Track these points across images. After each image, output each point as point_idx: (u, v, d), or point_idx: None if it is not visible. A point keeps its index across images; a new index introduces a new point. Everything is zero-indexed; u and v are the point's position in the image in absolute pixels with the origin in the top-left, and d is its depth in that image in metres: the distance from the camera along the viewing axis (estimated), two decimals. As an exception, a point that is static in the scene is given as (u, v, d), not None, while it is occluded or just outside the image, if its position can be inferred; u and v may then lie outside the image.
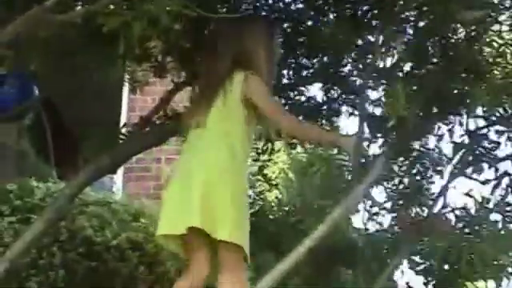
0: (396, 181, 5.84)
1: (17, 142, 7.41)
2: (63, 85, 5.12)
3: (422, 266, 6.25)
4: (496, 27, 4.59)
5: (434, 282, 6.09)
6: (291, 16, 4.62)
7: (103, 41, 3.59)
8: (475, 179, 5.50)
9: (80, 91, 5.66)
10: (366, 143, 4.64)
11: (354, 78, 4.90)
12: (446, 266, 5.94)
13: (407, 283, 6.88)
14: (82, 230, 5.43)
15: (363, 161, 4.61)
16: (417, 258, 6.31)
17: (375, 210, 6.43)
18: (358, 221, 7.19)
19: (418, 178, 5.76)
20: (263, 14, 4.42)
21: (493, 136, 5.24)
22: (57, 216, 4.34)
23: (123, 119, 8.33)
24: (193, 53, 4.25)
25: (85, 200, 5.64)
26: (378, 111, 4.81)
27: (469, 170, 5.43)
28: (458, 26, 4.46)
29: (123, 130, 4.91)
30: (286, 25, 4.62)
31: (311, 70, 4.81)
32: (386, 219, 6.46)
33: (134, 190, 8.14)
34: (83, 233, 5.42)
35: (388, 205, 6.16)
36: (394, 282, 7.15)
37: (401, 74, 4.51)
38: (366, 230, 6.72)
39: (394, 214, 6.17)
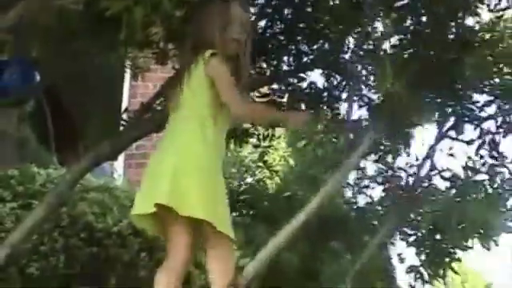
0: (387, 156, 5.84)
1: (18, 129, 7.41)
2: (65, 71, 5.12)
3: (412, 238, 6.25)
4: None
5: (426, 252, 6.08)
6: (292, 2, 4.61)
7: (105, 26, 3.58)
8: (461, 140, 5.52)
9: (81, 77, 5.65)
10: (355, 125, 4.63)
11: (355, 64, 4.89)
12: (438, 236, 5.94)
13: (399, 255, 6.89)
14: (83, 216, 5.45)
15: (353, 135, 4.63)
16: (408, 230, 6.31)
17: (365, 183, 6.44)
18: (347, 194, 7.18)
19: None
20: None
21: (477, 97, 5.26)
22: (58, 202, 4.35)
23: (124, 105, 8.33)
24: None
25: (86, 186, 5.66)
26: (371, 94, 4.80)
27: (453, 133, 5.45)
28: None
29: (124, 116, 4.93)
30: (286, 11, 4.62)
31: (311, 57, 4.81)
32: (376, 192, 6.47)
33: (135, 177, 8.14)
34: (84, 219, 5.45)
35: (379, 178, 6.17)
36: (387, 254, 7.17)
37: (388, 49, 4.52)
38: (356, 203, 6.71)
39: (385, 187, 6.17)
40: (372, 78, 4.74)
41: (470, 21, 4.63)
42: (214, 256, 3.62)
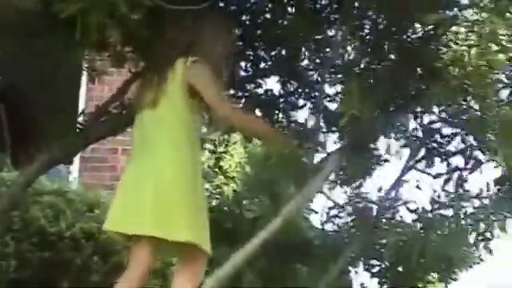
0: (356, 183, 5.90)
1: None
2: (21, 72, 5.07)
3: (377, 268, 6.32)
4: (454, 28, 4.63)
5: (388, 282, 6.16)
6: (250, 8, 4.61)
7: (61, 27, 3.55)
8: (428, 173, 5.57)
9: (38, 78, 5.60)
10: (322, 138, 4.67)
11: (312, 72, 4.91)
12: (400, 268, 6.01)
13: (362, 284, 6.96)
14: (36, 220, 5.39)
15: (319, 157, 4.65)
16: (372, 261, 6.39)
17: (334, 212, 6.49)
18: (316, 220, 7.23)
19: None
20: (220, 6, 4.40)
21: (446, 131, 5.32)
22: (10, 205, 4.30)
23: (81, 108, 8.26)
24: (151, 43, 4.23)
25: (39, 190, 5.59)
26: (334, 106, 4.82)
27: (421, 165, 5.50)
28: (417, 25, 4.49)
29: (80, 119, 4.88)
30: (244, 17, 4.62)
31: (269, 63, 4.81)
32: (344, 220, 6.52)
33: (90, 181, 8.08)
34: (37, 223, 5.38)
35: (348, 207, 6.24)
36: (349, 281, 7.22)
37: (357, 70, 4.53)
38: (323, 230, 6.76)
39: (354, 217, 6.23)
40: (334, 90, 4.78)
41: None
42: (186, 271, 3.63)
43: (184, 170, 3.56)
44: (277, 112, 4.90)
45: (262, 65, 4.82)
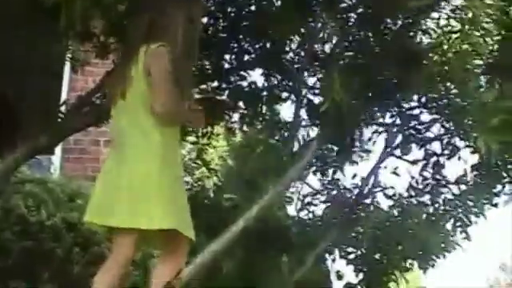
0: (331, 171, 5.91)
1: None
2: (3, 59, 5.04)
3: (352, 255, 6.34)
4: (435, 15, 4.65)
5: (364, 270, 6.16)
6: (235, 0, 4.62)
7: (46, 16, 3.54)
8: (405, 160, 5.59)
9: (22, 67, 5.57)
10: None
11: (296, 66, 4.92)
12: (377, 256, 6.02)
13: (337, 272, 6.97)
14: (17, 209, 5.36)
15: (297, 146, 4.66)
16: (348, 248, 6.40)
17: (308, 199, 6.50)
18: (291, 209, 7.25)
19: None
20: None
21: (424, 117, 5.34)
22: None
23: (63, 99, 8.23)
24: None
25: (21, 179, 5.57)
26: (315, 98, 4.84)
27: (398, 151, 5.53)
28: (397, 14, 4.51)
29: (62, 109, 4.87)
30: (229, 9, 4.62)
31: (253, 56, 4.81)
32: (319, 208, 6.55)
33: (72, 171, 8.05)
34: (18, 211, 5.36)
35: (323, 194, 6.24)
36: (326, 268, 7.24)
37: (337, 60, 4.54)
38: (299, 217, 6.78)
39: (329, 204, 6.24)
40: (315, 81, 4.78)
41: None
42: (167, 256, 3.62)
43: (156, 160, 3.53)
44: (260, 105, 4.91)
45: (246, 57, 4.82)
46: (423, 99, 5.10)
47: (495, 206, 6.17)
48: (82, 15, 3.41)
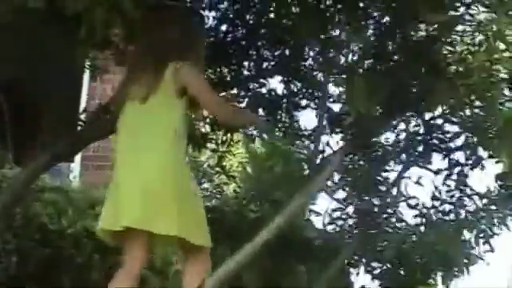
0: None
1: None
2: (25, 68, 5.06)
3: (378, 270, 6.31)
4: (460, 28, 4.63)
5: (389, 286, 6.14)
6: (253, 8, 4.61)
7: (66, 24, 3.54)
8: (429, 169, 5.56)
9: (42, 75, 5.59)
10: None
11: (315, 73, 4.91)
12: (402, 272, 5.99)
13: (363, 286, 6.95)
14: (38, 217, 5.38)
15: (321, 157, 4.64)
16: (374, 263, 6.37)
17: (337, 214, 6.48)
18: (318, 222, 7.23)
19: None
20: (189, 5, 4.36)
21: (448, 128, 5.32)
22: (12, 201, 4.29)
23: (82, 106, 8.25)
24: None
25: (41, 187, 5.59)
26: (337, 107, 4.83)
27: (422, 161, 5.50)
28: (421, 25, 4.49)
29: (82, 117, 4.88)
30: (248, 17, 4.61)
31: (272, 63, 4.81)
32: (347, 222, 6.52)
33: (92, 179, 8.07)
34: (38, 220, 5.38)
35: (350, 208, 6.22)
36: (350, 282, 7.21)
37: (361, 71, 4.52)
38: (325, 230, 6.76)
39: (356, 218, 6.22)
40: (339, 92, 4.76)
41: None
42: (191, 268, 3.64)
43: (169, 168, 3.56)
44: (280, 112, 4.90)
45: (266, 65, 4.82)
46: (447, 111, 5.06)
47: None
48: (102, 23, 3.41)
